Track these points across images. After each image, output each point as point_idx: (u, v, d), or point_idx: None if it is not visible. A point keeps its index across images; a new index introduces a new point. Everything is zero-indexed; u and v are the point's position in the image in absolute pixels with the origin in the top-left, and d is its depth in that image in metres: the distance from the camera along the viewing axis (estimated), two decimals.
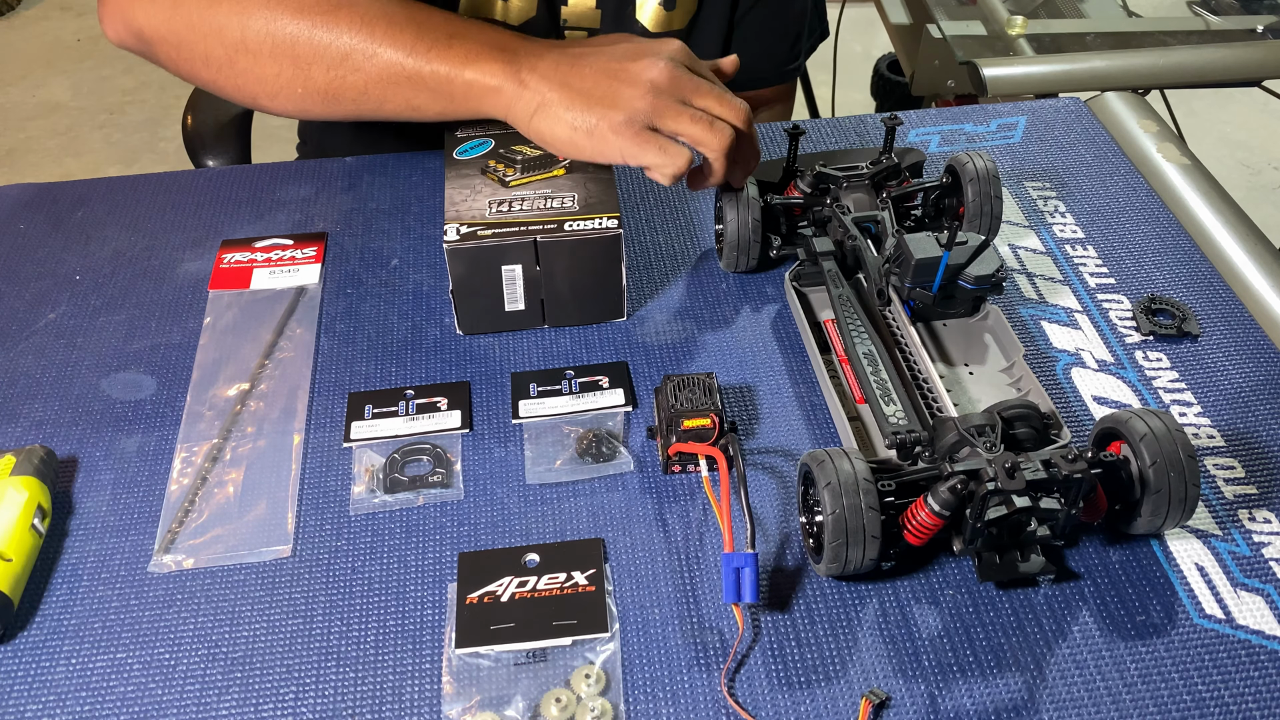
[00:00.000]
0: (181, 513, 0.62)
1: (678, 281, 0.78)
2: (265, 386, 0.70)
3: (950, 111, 0.95)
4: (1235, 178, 2.34)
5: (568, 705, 0.53)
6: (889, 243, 0.69)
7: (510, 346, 0.73)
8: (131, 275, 0.79)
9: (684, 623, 0.57)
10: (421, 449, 0.66)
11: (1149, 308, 0.74)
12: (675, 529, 0.61)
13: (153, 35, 0.77)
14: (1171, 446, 0.56)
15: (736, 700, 0.53)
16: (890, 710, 0.53)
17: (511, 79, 0.71)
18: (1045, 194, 0.85)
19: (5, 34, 2.84)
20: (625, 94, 0.69)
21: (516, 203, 0.70)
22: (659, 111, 0.69)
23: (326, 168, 0.89)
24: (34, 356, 0.73)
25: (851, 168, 0.76)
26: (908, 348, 0.67)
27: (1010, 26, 1.28)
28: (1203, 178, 0.87)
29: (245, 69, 0.74)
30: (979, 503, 0.54)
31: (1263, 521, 0.61)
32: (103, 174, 1.76)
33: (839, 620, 0.57)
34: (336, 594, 0.59)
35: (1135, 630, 0.56)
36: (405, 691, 0.54)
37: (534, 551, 0.60)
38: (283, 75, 0.73)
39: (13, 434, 0.67)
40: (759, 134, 0.88)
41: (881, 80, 2.03)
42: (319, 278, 0.78)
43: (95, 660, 0.56)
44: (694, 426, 0.62)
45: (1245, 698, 0.53)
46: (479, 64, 0.71)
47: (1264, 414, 0.67)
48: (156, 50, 0.78)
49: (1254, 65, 1.21)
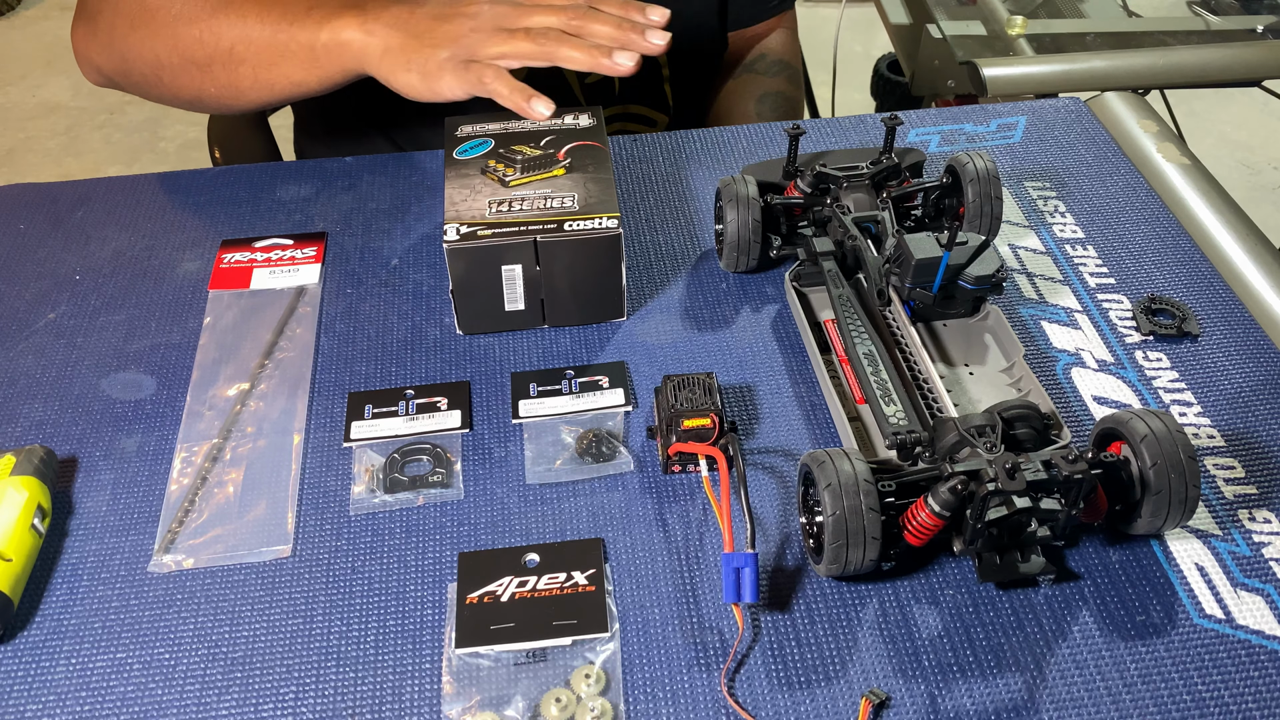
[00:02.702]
0: (181, 513, 0.62)
1: (678, 281, 0.78)
2: (265, 386, 0.70)
3: (950, 111, 0.95)
4: (1235, 178, 2.34)
5: (568, 705, 0.53)
6: (889, 243, 0.69)
7: (510, 346, 0.73)
8: (131, 275, 0.79)
9: (684, 623, 0.57)
10: (421, 449, 0.66)
11: (1149, 308, 0.74)
12: (675, 529, 0.61)
13: (110, 69, 0.85)
14: (1172, 447, 0.56)
15: (736, 700, 0.53)
16: (890, 710, 0.53)
17: (360, 30, 0.75)
18: (1045, 194, 0.85)
19: (5, 34, 2.84)
20: (447, 31, 0.74)
21: (516, 203, 0.70)
22: (476, 43, 0.73)
23: (326, 168, 0.89)
24: (34, 356, 0.73)
25: (851, 168, 0.76)
26: (908, 348, 0.67)
27: (1010, 26, 1.28)
28: (1203, 178, 0.87)
29: (169, 82, 0.83)
30: (979, 503, 0.54)
31: (1263, 521, 0.61)
32: (103, 174, 1.77)
33: (839, 620, 0.57)
34: (336, 594, 0.59)
35: (1135, 630, 0.56)
36: (405, 691, 0.54)
37: (534, 551, 0.60)
38: (195, 80, 0.81)
39: (13, 434, 0.67)
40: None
41: (881, 80, 2.02)
42: (319, 278, 0.78)
43: (95, 660, 0.56)
44: (694, 426, 0.62)
45: (1245, 698, 0.53)
46: (332, 23, 0.76)
47: (1264, 414, 0.67)
48: (117, 80, 0.86)
49: (1254, 65, 1.21)
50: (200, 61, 0.80)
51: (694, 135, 0.92)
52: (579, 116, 0.79)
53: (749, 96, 1.05)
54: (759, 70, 1.07)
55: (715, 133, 0.92)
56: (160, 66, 0.81)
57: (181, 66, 0.80)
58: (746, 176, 0.75)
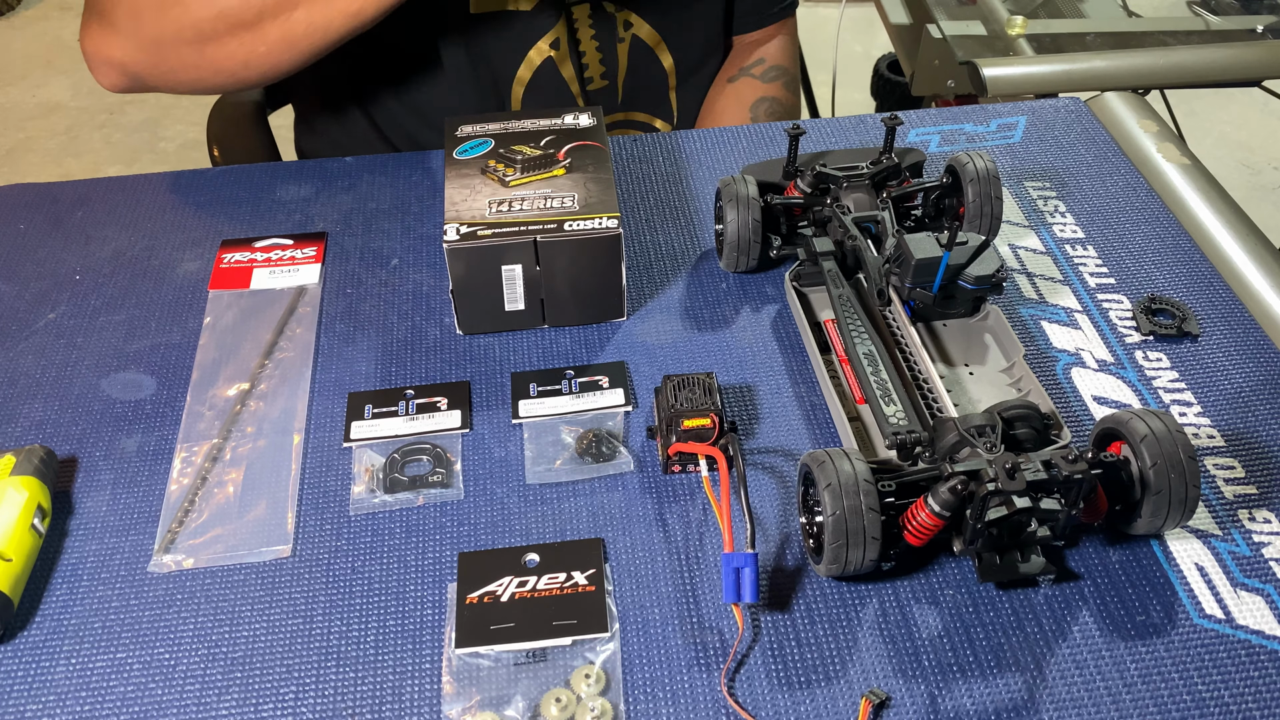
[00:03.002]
0: (181, 513, 0.62)
1: (678, 281, 0.78)
2: (265, 386, 0.70)
3: (950, 111, 0.95)
4: (1235, 178, 2.34)
5: (568, 705, 0.53)
6: (889, 243, 0.69)
7: (510, 346, 0.73)
8: (131, 275, 0.79)
9: (684, 623, 0.57)
10: (421, 449, 0.66)
11: (1149, 308, 0.74)
12: (675, 529, 0.61)
13: (133, 64, 0.83)
14: (1172, 447, 0.56)
15: (736, 700, 0.53)
16: (890, 710, 0.53)
17: None
18: (1045, 194, 0.85)
19: (5, 34, 2.84)
20: None
21: (516, 203, 0.70)
22: None
23: (326, 168, 0.89)
24: (34, 356, 0.73)
25: (851, 168, 0.76)
26: (908, 348, 0.67)
27: (1010, 26, 1.28)
28: (1203, 178, 0.87)
29: (213, 56, 0.80)
30: (979, 503, 0.54)
31: (1263, 521, 0.61)
32: (103, 174, 1.76)
33: (839, 620, 0.57)
34: (336, 594, 0.59)
35: (1135, 630, 0.56)
36: (405, 691, 0.54)
37: (534, 551, 0.60)
38: (244, 45, 0.79)
39: (13, 434, 0.67)
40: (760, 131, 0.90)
41: (881, 80, 2.03)
42: (319, 278, 0.78)
43: (95, 660, 0.56)
44: (694, 426, 0.62)
45: (1245, 698, 0.53)
46: None
47: (1264, 414, 0.67)
48: (142, 75, 0.83)
49: (1254, 65, 1.21)
50: (249, 21, 0.78)
51: (694, 135, 0.92)
52: (579, 116, 0.79)
53: (744, 101, 1.05)
54: (756, 75, 1.08)
55: (715, 133, 0.92)
56: (204, 40, 0.79)
57: (229, 32, 0.78)
58: (746, 176, 0.75)
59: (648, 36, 1.00)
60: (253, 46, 0.79)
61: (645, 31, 0.99)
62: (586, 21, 0.96)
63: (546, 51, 0.95)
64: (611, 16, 0.97)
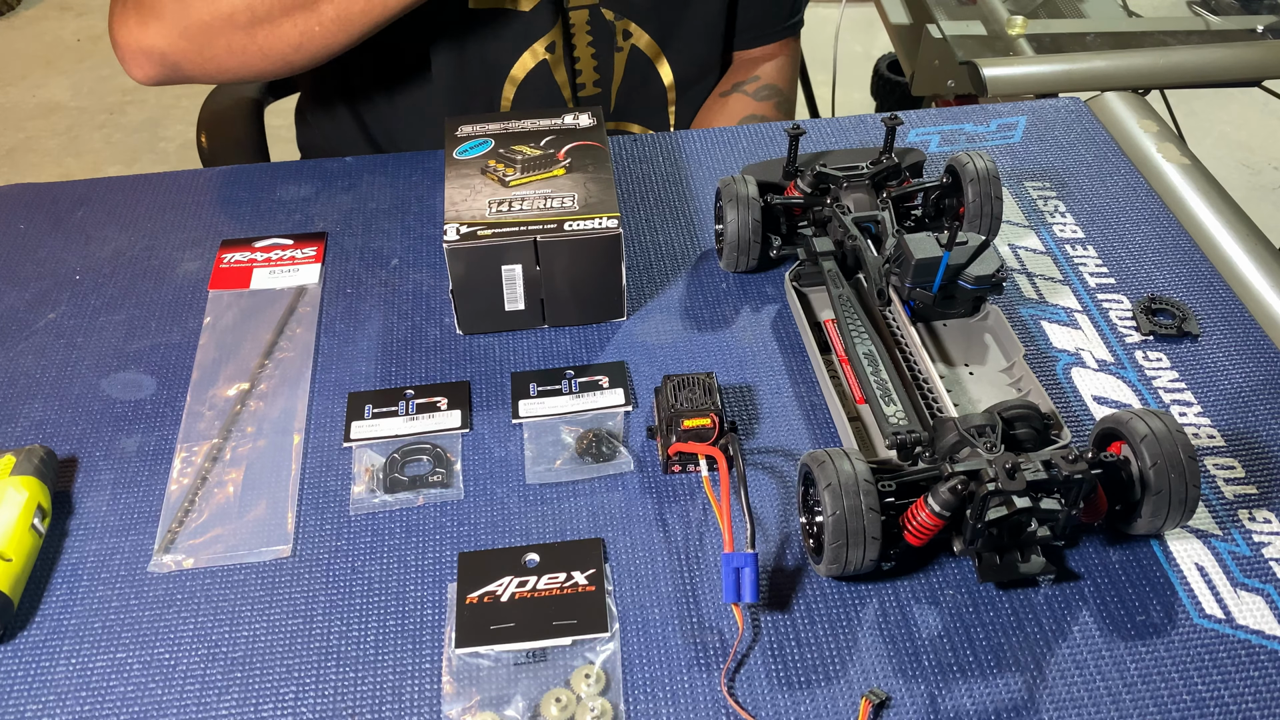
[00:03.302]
0: (181, 513, 0.62)
1: (678, 281, 0.78)
2: (265, 386, 0.70)
3: (950, 111, 0.95)
4: (1235, 178, 2.34)
5: (568, 705, 0.53)
6: (889, 243, 0.69)
7: (510, 346, 0.73)
8: (131, 275, 0.79)
9: (684, 623, 0.57)
10: (421, 449, 0.66)
11: (1149, 308, 0.74)
12: (675, 529, 0.61)
13: (174, 52, 0.81)
14: (1172, 447, 0.56)
15: (736, 700, 0.53)
16: (890, 710, 0.53)
17: None
18: (1045, 194, 0.85)
19: (5, 34, 2.84)
20: None
21: (516, 203, 0.70)
22: None
23: (326, 168, 0.89)
24: (34, 356, 0.73)
25: (851, 168, 0.76)
26: (908, 348, 0.67)
27: (1010, 26, 1.28)
28: (1203, 178, 0.87)
29: (264, 39, 0.79)
30: (979, 503, 0.54)
31: (1263, 521, 0.61)
32: (103, 174, 1.77)
33: (839, 620, 0.57)
34: (336, 594, 0.59)
35: (1135, 630, 0.56)
36: (405, 691, 0.54)
37: (534, 551, 0.60)
38: (298, 25, 0.78)
39: (13, 434, 0.67)
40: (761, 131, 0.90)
41: (881, 80, 2.03)
42: (319, 278, 0.78)
43: (95, 660, 0.56)
44: (694, 426, 0.62)
45: (1245, 698, 0.53)
46: None
47: (1264, 414, 0.67)
48: (182, 64, 0.82)
49: (1254, 65, 1.21)
50: (305, 1, 0.77)
51: (694, 135, 0.92)
52: (579, 117, 0.79)
53: (733, 117, 1.04)
54: (749, 92, 1.06)
55: (715, 133, 0.92)
56: (256, 24, 0.78)
57: (284, 12, 0.77)
58: (746, 176, 0.75)
59: (647, 47, 0.99)
60: (306, 27, 0.78)
61: (645, 42, 0.99)
62: (584, 27, 0.96)
63: (541, 54, 0.95)
64: (610, 25, 0.97)
